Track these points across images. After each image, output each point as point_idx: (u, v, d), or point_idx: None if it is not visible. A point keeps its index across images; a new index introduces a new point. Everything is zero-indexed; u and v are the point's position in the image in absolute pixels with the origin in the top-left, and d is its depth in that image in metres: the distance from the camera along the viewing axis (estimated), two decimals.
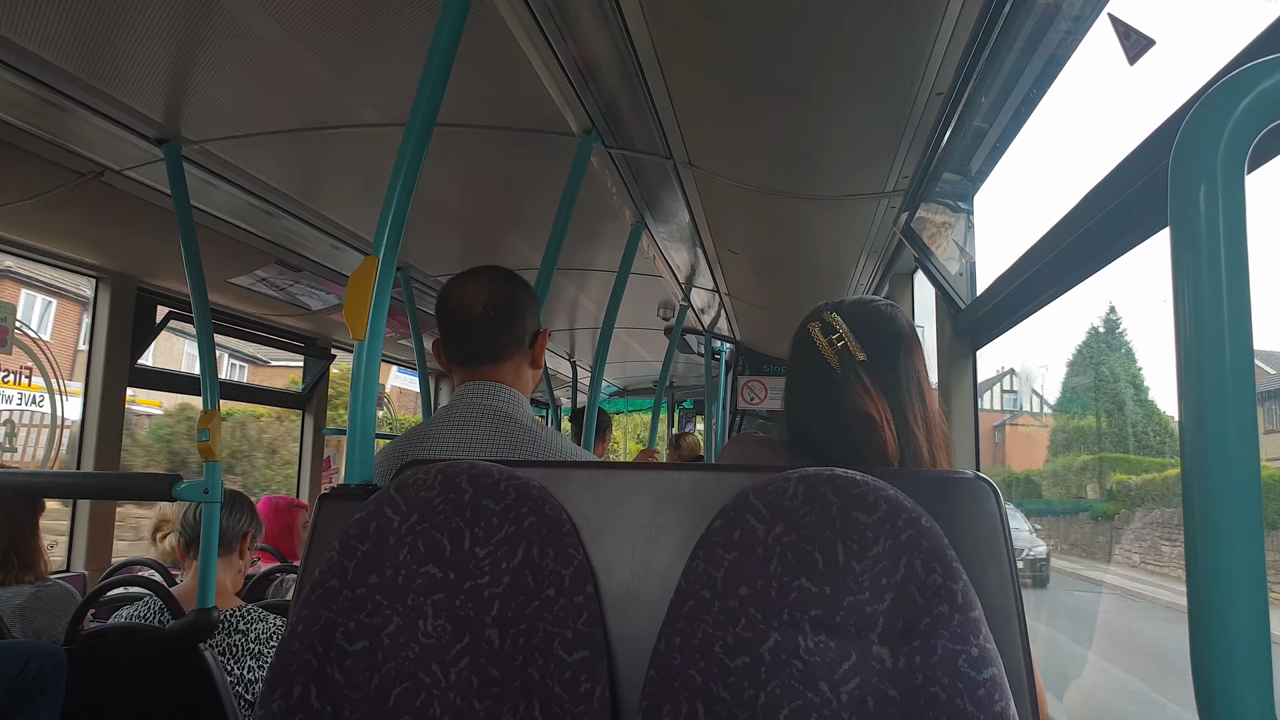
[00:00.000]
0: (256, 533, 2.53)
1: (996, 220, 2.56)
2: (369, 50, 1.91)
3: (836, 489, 0.99)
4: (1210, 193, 0.58)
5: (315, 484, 5.03)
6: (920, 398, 1.29)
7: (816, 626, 0.95)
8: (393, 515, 1.08)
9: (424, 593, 1.05)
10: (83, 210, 2.74)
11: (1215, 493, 0.58)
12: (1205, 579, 0.59)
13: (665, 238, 3.37)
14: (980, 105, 1.93)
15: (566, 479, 1.12)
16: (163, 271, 3.53)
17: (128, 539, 5.09)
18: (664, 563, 1.06)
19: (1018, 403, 7.87)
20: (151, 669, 2.13)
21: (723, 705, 0.93)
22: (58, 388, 3.64)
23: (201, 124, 2.26)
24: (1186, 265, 0.59)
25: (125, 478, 3.05)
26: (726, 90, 2.00)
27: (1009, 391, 7.87)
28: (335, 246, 3.34)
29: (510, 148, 2.45)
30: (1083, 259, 1.68)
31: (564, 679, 0.97)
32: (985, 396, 9.93)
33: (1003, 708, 0.88)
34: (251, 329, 4.39)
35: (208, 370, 2.45)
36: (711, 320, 5.37)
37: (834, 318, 1.29)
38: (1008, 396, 7.87)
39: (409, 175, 1.41)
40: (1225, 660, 0.59)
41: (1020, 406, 7.88)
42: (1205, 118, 0.58)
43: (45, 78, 1.96)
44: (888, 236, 2.94)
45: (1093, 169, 1.52)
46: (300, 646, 1.03)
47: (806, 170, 2.43)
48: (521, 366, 1.74)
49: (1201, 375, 0.59)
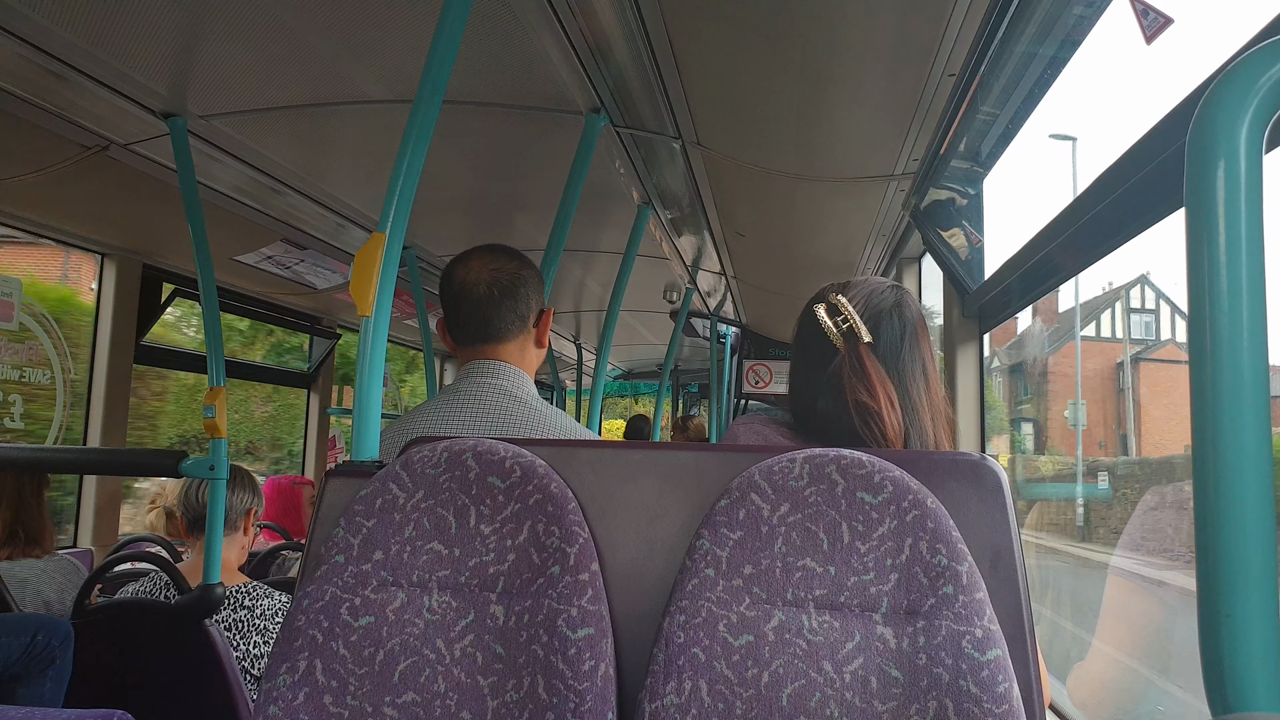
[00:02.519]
0: (258, 509, 2.54)
1: (1006, 203, 2.54)
2: (377, 25, 1.90)
3: (842, 469, 0.99)
4: (1230, 170, 0.57)
5: (320, 462, 5.06)
6: (924, 380, 1.29)
7: (821, 606, 0.95)
8: (398, 492, 1.08)
9: (429, 569, 1.05)
10: (88, 185, 2.73)
11: (1228, 475, 0.58)
12: (1215, 559, 0.59)
13: (672, 219, 3.36)
14: (992, 88, 1.91)
15: (572, 458, 1.12)
16: (168, 249, 3.54)
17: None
18: (669, 541, 1.06)
19: (1154, 328, 4.80)
20: (157, 644, 2.15)
21: (726, 683, 0.93)
22: (63, 365, 3.64)
23: (208, 98, 2.25)
24: (1203, 244, 0.58)
25: (132, 454, 3.06)
26: (737, 70, 1.98)
27: (1141, 311, 4.86)
28: (341, 224, 3.34)
29: (517, 126, 2.44)
30: (1094, 241, 1.67)
31: (568, 656, 0.97)
32: (1093, 325, 8.98)
33: (1006, 689, 0.88)
34: (257, 307, 4.40)
35: (214, 348, 2.45)
36: (717, 303, 5.36)
37: (839, 299, 1.28)
38: (1140, 319, 4.82)
39: (416, 152, 1.40)
40: (1233, 643, 0.59)
41: (1158, 334, 5.04)
42: (1225, 94, 0.58)
43: (49, 47, 1.95)
44: (896, 220, 2.93)
45: (1106, 152, 1.50)
46: (305, 621, 1.03)
47: (816, 152, 2.42)
48: (526, 345, 1.74)
49: (1217, 356, 0.58)
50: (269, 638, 2.20)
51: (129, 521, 3.58)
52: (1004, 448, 7.37)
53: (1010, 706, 0.88)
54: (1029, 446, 7.64)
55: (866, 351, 1.25)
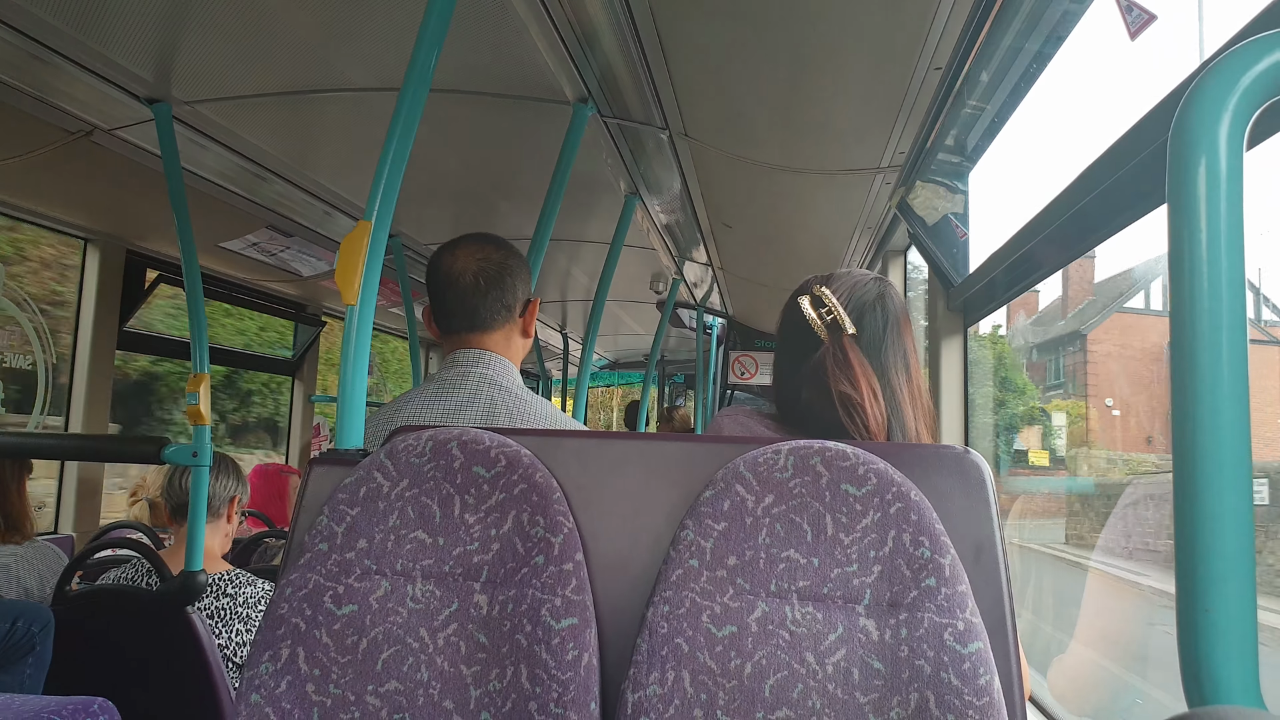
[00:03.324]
0: (243, 496, 2.53)
1: (992, 197, 2.55)
2: (363, 12, 1.88)
3: (826, 461, 0.99)
4: (1210, 167, 0.57)
5: (305, 450, 5.04)
6: (907, 372, 1.29)
7: (804, 597, 0.96)
8: (383, 480, 1.08)
9: (413, 558, 1.05)
10: (72, 170, 2.71)
11: (1207, 469, 0.58)
12: (1194, 555, 0.60)
13: (659, 210, 3.36)
14: (979, 81, 1.92)
15: (557, 448, 1.12)
16: (153, 234, 3.51)
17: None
18: (653, 532, 1.07)
19: None
20: (139, 631, 2.14)
21: (709, 674, 0.94)
22: (46, 351, 3.61)
23: (193, 84, 2.23)
24: (1183, 240, 0.59)
25: (114, 440, 3.05)
26: (724, 61, 1.98)
27: None
28: (327, 212, 3.32)
29: (505, 115, 2.43)
30: (1077, 236, 1.68)
31: (551, 645, 0.97)
32: (1141, 296, 8.46)
33: (987, 681, 0.89)
34: (242, 294, 4.37)
35: (198, 334, 2.44)
36: (704, 294, 5.37)
37: (823, 291, 1.29)
38: None
39: (402, 140, 1.40)
40: (1211, 637, 0.60)
41: None
42: (1207, 91, 0.58)
43: (34, 32, 1.93)
44: (882, 212, 2.94)
45: (1089, 147, 1.51)
46: (288, 609, 1.03)
47: (803, 144, 2.42)
48: (512, 335, 1.74)
49: (1196, 352, 0.58)
50: (251, 626, 2.20)
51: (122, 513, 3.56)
52: (1037, 441, 6.98)
53: (991, 699, 0.88)
54: (1062, 441, 7.24)
55: (850, 343, 1.25)
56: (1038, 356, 9.19)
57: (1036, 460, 6.62)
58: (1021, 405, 7.06)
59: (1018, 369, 6.89)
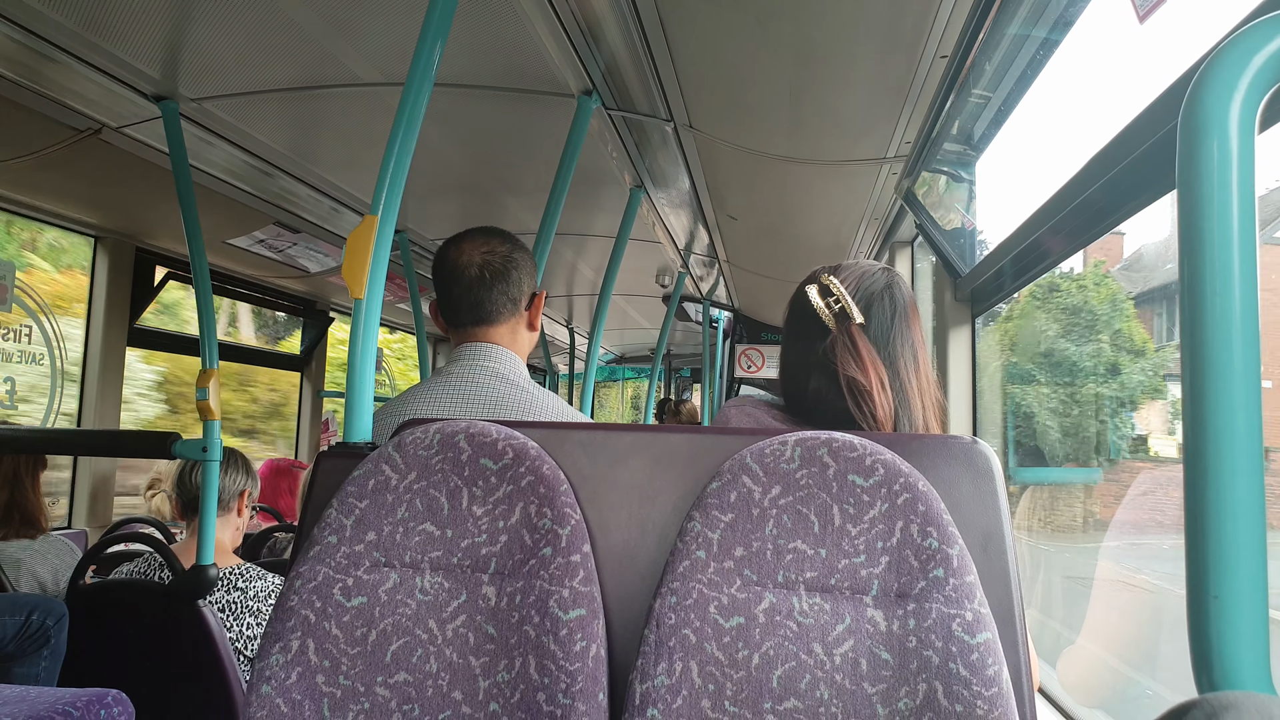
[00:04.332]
0: (253, 490, 2.54)
1: (999, 187, 2.54)
2: (367, 8, 1.88)
3: (833, 452, 0.99)
4: (1222, 150, 0.57)
5: (314, 445, 5.06)
6: (915, 362, 1.29)
7: (811, 588, 0.95)
8: (391, 473, 1.08)
9: (421, 550, 1.05)
10: (80, 169, 2.72)
11: (1218, 455, 0.58)
12: (1204, 541, 0.59)
13: (665, 203, 3.35)
14: (985, 70, 1.91)
15: (564, 440, 1.12)
16: (161, 232, 3.53)
17: None
18: (660, 523, 1.07)
19: None
20: (151, 624, 2.15)
21: (716, 665, 0.94)
22: (58, 346, 3.63)
23: (200, 81, 2.24)
24: (1194, 224, 0.58)
25: (125, 435, 3.06)
26: (729, 52, 1.97)
27: None
28: (334, 208, 3.33)
29: (509, 109, 2.43)
30: (1086, 224, 1.67)
31: (559, 636, 0.98)
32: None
33: (995, 672, 0.89)
34: (250, 290, 4.39)
35: (207, 331, 2.45)
36: (710, 287, 5.36)
37: (831, 280, 1.28)
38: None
39: (408, 135, 1.40)
40: (1220, 623, 0.60)
41: None
42: (1217, 74, 0.57)
43: (41, 30, 1.93)
44: (889, 203, 2.92)
45: (1097, 135, 1.50)
46: (298, 602, 1.04)
47: (808, 135, 2.41)
48: (518, 328, 1.74)
49: (1208, 337, 0.58)
50: (262, 619, 2.21)
51: (138, 509, 3.58)
52: (1160, 424, 4.13)
53: (1000, 689, 0.88)
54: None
55: (858, 332, 1.25)
56: (1152, 309, 7.21)
57: (1160, 450, 3.96)
58: (1139, 372, 4.34)
59: (1132, 319, 4.51)
